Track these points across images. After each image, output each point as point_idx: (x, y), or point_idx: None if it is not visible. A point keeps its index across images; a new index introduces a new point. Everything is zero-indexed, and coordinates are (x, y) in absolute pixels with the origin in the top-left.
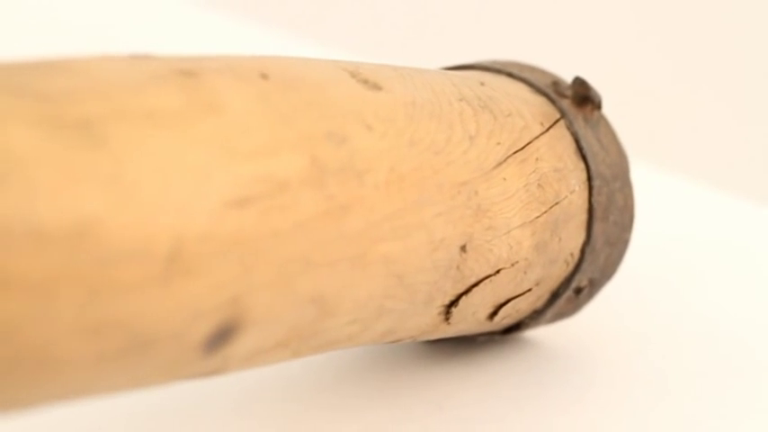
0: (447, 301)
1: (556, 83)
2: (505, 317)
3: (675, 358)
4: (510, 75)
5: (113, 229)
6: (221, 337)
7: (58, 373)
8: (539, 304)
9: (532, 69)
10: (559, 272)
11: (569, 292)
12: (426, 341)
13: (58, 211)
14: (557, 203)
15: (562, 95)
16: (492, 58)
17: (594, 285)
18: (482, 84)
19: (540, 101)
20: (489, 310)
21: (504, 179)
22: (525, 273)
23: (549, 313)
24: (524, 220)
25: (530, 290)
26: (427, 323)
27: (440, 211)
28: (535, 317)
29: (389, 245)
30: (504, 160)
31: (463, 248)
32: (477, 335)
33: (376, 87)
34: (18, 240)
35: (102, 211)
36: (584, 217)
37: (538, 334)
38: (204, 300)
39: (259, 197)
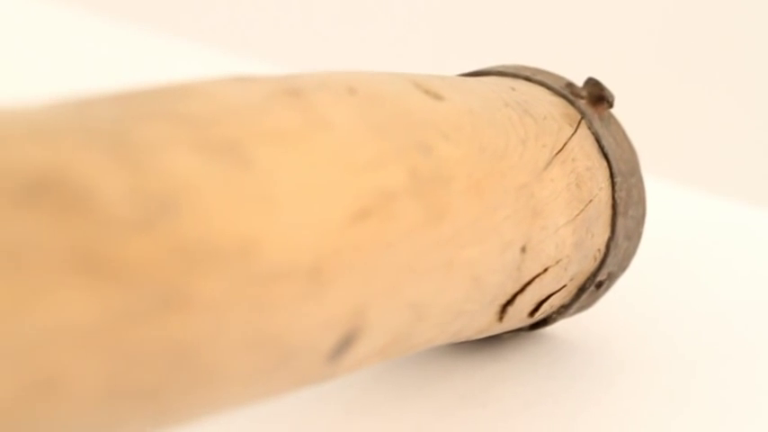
0: (504, 301)
1: (569, 84)
2: (542, 313)
3: (690, 343)
4: (527, 79)
5: (269, 248)
6: (343, 346)
7: (220, 389)
8: (567, 299)
9: (543, 72)
10: (588, 267)
11: (593, 287)
12: None
13: (227, 233)
14: (590, 201)
15: (578, 96)
16: (500, 64)
17: (611, 278)
18: (513, 89)
19: (561, 103)
20: (531, 307)
21: (552, 180)
22: (566, 270)
23: (574, 307)
24: (568, 218)
25: (565, 286)
26: (486, 322)
27: (507, 214)
28: (562, 311)
29: (471, 249)
30: (550, 162)
31: (523, 249)
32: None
33: (438, 97)
34: (196, 262)
35: (259, 230)
36: (609, 213)
37: (551, 327)
38: (335, 311)
39: (375, 209)
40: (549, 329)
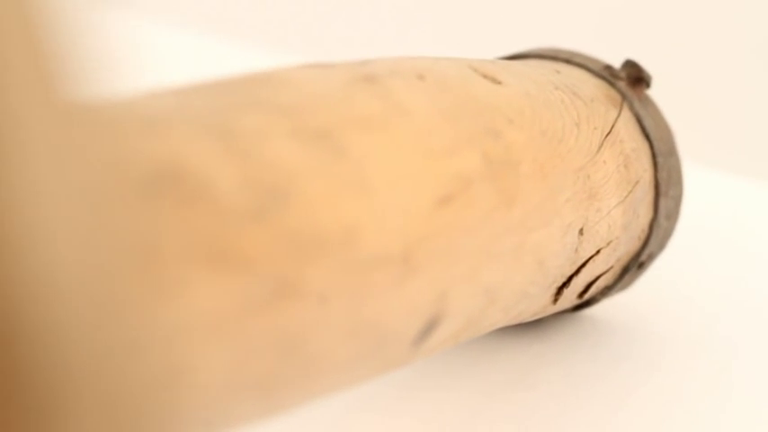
0: (561, 283)
1: (608, 66)
2: (589, 294)
3: (730, 322)
4: (567, 61)
5: (366, 235)
6: (426, 332)
7: (323, 377)
8: (611, 280)
9: (579, 55)
10: (633, 247)
11: (635, 267)
12: None
13: (330, 221)
14: (637, 182)
15: (617, 78)
16: (535, 47)
17: (651, 258)
18: (558, 72)
19: (602, 84)
20: (582, 288)
21: (605, 162)
22: (615, 251)
23: (616, 288)
24: (618, 200)
25: (611, 267)
26: (542, 305)
27: (568, 197)
28: (606, 292)
29: (538, 233)
30: (602, 144)
31: (581, 231)
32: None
33: (496, 82)
34: (303, 251)
35: (357, 218)
36: (652, 193)
37: (591, 308)
38: (423, 297)
39: (456, 194)
40: (588, 310)
